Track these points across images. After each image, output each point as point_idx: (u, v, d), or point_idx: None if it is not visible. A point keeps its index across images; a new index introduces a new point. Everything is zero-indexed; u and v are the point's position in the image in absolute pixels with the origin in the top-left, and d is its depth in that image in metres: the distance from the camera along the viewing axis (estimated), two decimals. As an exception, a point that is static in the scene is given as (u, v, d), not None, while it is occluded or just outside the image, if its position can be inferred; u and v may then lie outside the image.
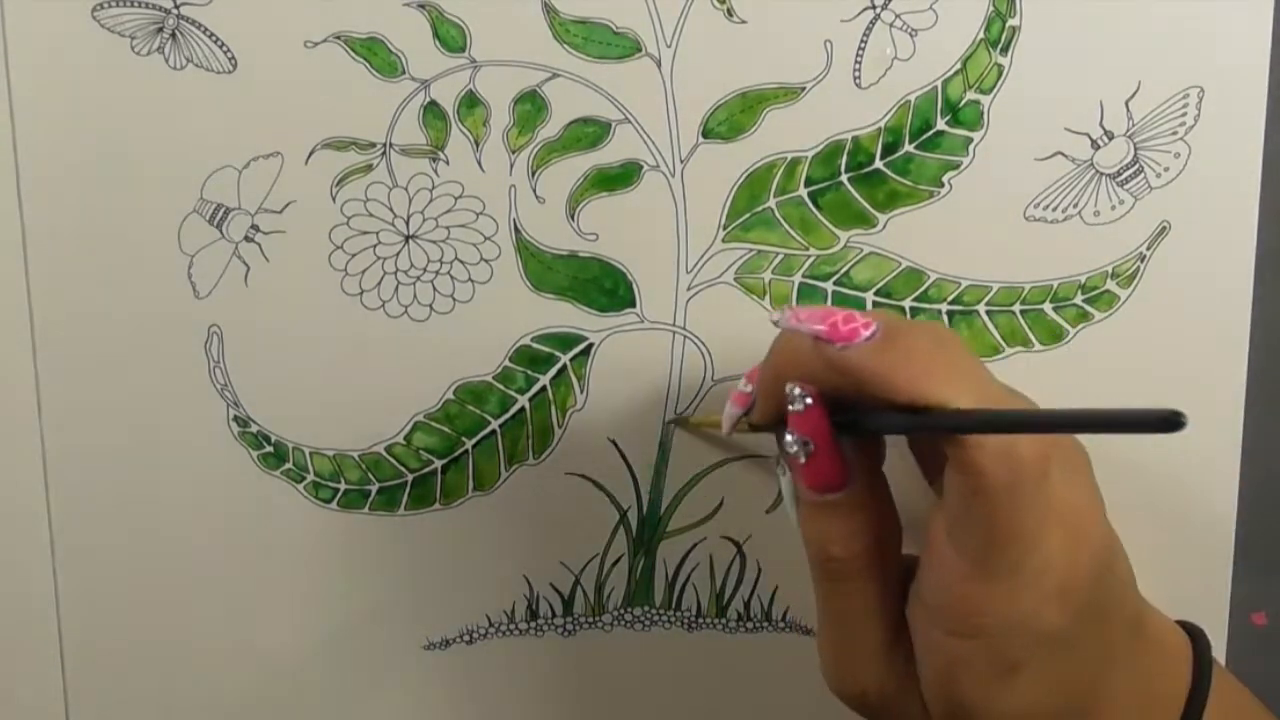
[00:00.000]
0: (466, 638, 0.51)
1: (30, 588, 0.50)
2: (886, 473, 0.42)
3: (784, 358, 0.40)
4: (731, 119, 0.47)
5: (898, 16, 0.47)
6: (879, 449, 0.42)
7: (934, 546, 0.39)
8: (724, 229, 0.48)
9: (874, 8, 0.47)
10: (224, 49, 0.46)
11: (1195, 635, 0.44)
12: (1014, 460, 0.36)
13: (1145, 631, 0.42)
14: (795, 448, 0.39)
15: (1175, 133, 0.48)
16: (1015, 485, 0.36)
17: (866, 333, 0.38)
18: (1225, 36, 0.47)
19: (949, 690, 0.39)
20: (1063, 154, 0.48)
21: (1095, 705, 0.40)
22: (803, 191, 0.48)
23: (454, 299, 0.49)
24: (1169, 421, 0.30)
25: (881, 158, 0.48)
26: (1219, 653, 0.51)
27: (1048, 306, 0.49)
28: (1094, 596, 0.39)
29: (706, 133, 0.48)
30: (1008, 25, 0.47)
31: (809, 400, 0.39)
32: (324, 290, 0.48)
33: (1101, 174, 0.48)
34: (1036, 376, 0.50)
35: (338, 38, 0.46)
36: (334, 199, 0.48)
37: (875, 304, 0.49)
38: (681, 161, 0.48)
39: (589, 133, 0.47)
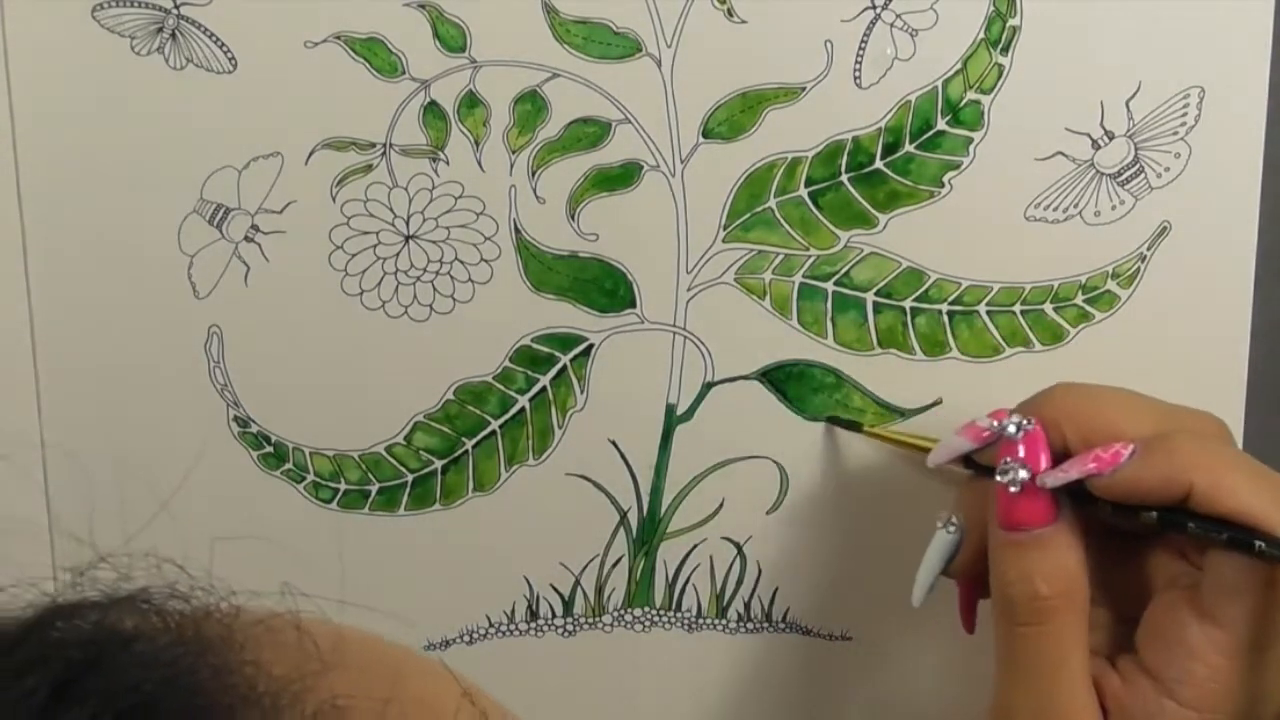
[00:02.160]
0: (466, 638, 0.51)
1: (30, 589, 0.50)
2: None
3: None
4: (732, 119, 0.47)
5: (898, 16, 0.47)
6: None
7: (1180, 617, 0.40)
8: (724, 229, 0.48)
9: (874, 8, 0.47)
10: (224, 49, 0.46)
11: None
12: None
13: None
14: (1010, 473, 0.41)
15: (1176, 133, 0.48)
16: None
17: (1126, 452, 0.40)
18: (1225, 36, 0.47)
19: None
20: (1063, 154, 0.48)
21: None
22: (803, 191, 0.48)
23: (454, 299, 0.48)
24: None
25: (882, 158, 0.48)
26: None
27: (1048, 307, 0.49)
28: None
29: (707, 133, 0.47)
30: (1008, 25, 0.47)
31: (1029, 426, 0.41)
32: (324, 290, 0.48)
33: (1102, 174, 0.48)
34: (1037, 377, 0.50)
35: (338, 38, 0.46)
36: (334, 199, 0.47)
37: (876, 304, 0.49)
38: (682, 161, 0.48)
39: (589, 133, 0.47)
